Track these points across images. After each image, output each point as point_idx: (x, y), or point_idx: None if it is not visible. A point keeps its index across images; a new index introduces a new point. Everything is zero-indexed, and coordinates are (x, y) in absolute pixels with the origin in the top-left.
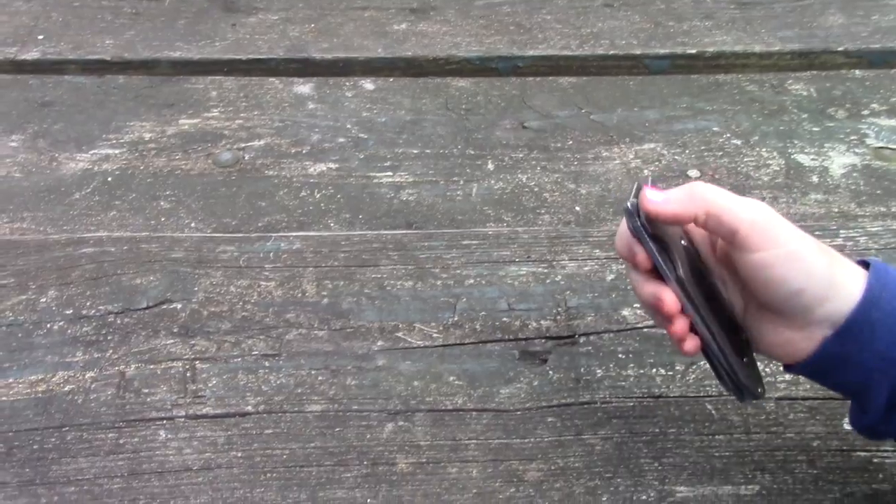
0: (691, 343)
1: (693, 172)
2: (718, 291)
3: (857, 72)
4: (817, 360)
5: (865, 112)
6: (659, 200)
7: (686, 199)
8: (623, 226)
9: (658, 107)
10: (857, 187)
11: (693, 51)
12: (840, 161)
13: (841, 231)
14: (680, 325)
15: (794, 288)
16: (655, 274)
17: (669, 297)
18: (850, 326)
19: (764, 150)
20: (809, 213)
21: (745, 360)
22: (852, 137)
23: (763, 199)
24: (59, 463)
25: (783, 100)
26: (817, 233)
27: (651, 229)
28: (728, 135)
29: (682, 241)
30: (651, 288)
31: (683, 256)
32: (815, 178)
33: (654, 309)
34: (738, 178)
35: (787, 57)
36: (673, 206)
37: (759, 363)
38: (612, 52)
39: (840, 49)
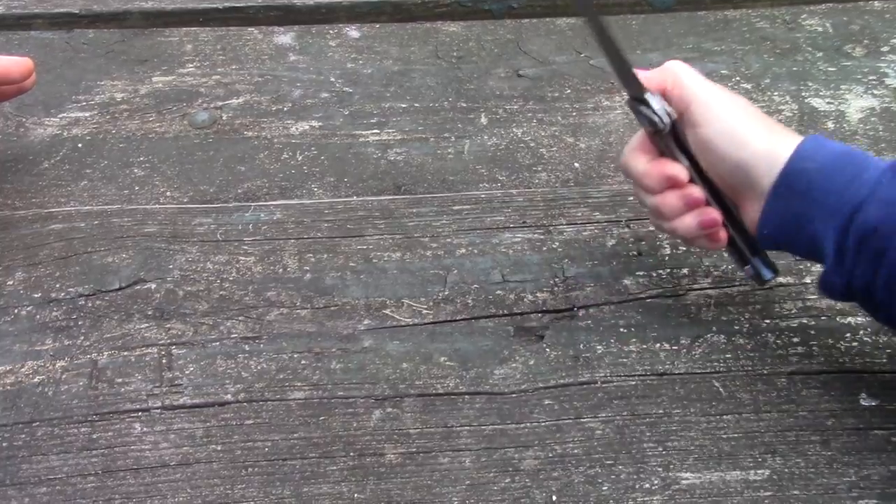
0: (725, 232)
1: None
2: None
3: (877, 3)
4: (767, 220)
5: (885, 49)
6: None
7: (659, 71)
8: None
9: (662, 49)
10: (876, 133)
11: None
12: (857, 104)
13: None
14: (712, 214)
15: (734, 162)
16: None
17: (695, 189)
18: (784, 179)
19: (776, 93)
20: None
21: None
22: (871, 77)
23: None
24: (29, 461)
25: (796, 37)
26: None
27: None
28: (738, 78)
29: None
30: (660, 167)
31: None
32: (830, 124)
33: (668, 192)
34: None
35: None
36: (651, 75)
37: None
38: None
39: None
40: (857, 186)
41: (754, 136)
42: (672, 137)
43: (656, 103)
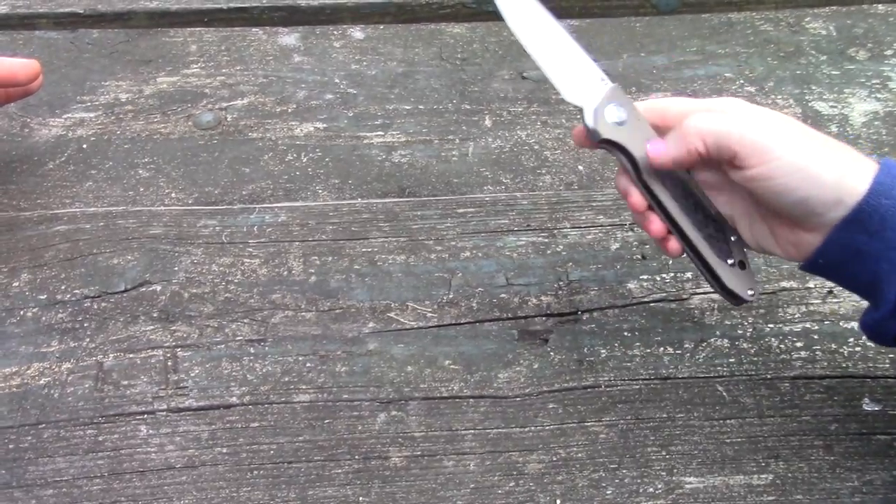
0: (675, 244)
1: None
2: (700, 195)
3: (880, 6)
4: (827, 250)
5: (888, 52)
6: (660, 152)
7: (681, 140)
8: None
9: (666, 51)
10: (880, 136)
11: None
12: (861, 108)
13: None
14: (655, 224)
15: (798, 197)
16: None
17: (635, 194)
18: (857, 215)
19: (780, 97)
20: None
21: (730, 262)
22: (874, 81)
23: None
24: (35, 463)
25: (800, 40)
26: None
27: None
28: (741, 81)
29: (646, 144)
30: (623, 183)
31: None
32: (833, 128)
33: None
34: None
35: None
36: (673, 152)
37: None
38: None
39: None
40: None
41: (822, 169)
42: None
43: (589, 119)
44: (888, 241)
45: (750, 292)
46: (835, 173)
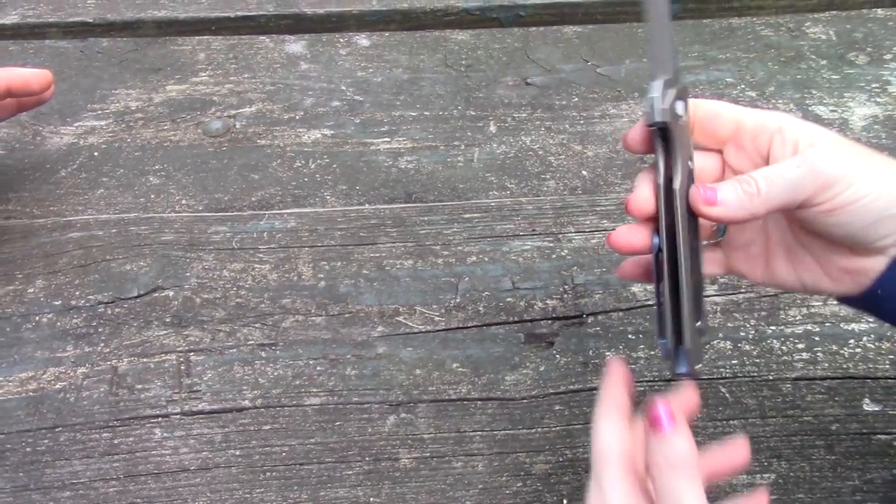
0: (634, 269)
1: None
2: (699, 239)
3: (880, 11)
4: (886, 281)
5: (888, 56)
6: (712, 202)
7: (745, 200)
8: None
9: None
10: (879, 141)
11: None
12: (861, 112)
13: None
14: (641, 238)
15: (870, 220)
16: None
17: (647, 197)
18: None
19: (780, 101)
20: None
21: (699, 324)
22: (874, 85)
23: None
24: (52, 466)
25: (800, 45)
26: None
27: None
28: (742, 86)
29: (690, 163)
30: (644, 181)
31: (686, 176)
32: (834, 132)
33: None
34: None
35: None
36: (733, 210)
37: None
38: None
39: None
40: None
41: (888, 190)
42: (661, 140)
43: (657, 95)
44: None
45: (699, 366)
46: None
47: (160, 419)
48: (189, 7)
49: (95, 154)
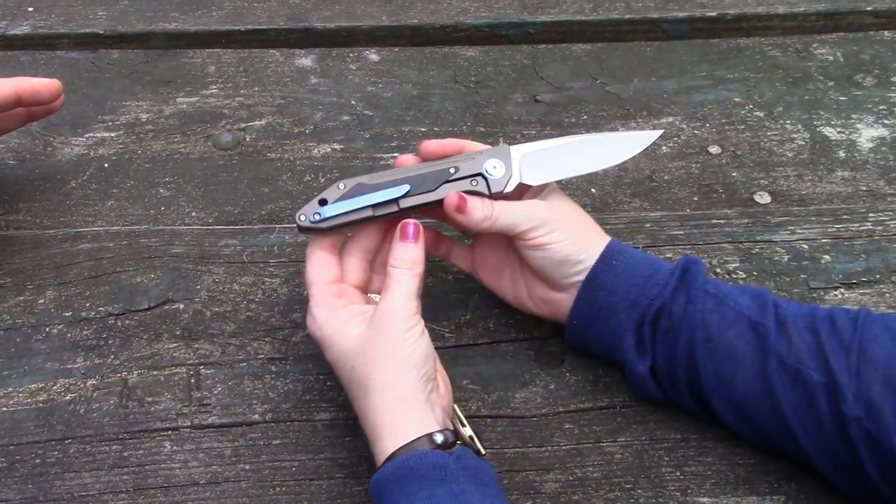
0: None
1: (714, 149)
2: None
3: (887, 33)
4: (577, 311)
5: (895, 78)
6: (461, 218)
7: (481, 219)
8: None
9: (676, 76)
10: (887, 163)
11: (713, 13)
12: (868, 134)
13: (869, 214)
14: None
15: (556, 261)
16: None
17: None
18: (595, 274)
19: (788, 122)
20: (836, 193)
21: None
22: (881, 107)
23: (787, 177)
24: (62, 478)
25: (808, 66)
26: (844, 216)
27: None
28: (750, 106)
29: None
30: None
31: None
32: (841, 154)
33: None
34: (761, 153)
35: (813, 18)
36: (474, 223)
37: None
38: (627, 17)
39: (868, 9)
40: (653, 282)
41: (580, 234)
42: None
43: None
44: (619, 294)
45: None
46: (587, 237)
47: (170, 432)
48: (200, 20)
49: (106, 165)
